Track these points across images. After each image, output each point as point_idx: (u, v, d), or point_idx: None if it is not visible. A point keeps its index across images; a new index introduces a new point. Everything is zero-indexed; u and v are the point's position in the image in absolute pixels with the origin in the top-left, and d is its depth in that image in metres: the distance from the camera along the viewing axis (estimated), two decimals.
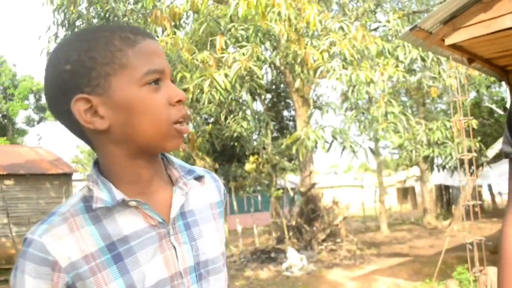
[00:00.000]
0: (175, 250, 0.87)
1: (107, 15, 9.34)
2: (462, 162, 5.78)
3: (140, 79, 0.81)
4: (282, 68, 11.34)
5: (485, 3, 4.46)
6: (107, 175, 0.86)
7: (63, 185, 13.43)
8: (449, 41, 4.73)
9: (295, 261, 9.81)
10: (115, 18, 9.30)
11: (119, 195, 0.83)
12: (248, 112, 11.11)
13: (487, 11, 4.45)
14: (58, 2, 9.02)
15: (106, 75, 0.81)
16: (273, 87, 14.98)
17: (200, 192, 0.98)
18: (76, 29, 9.17)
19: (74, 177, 15.37)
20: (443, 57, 6.48)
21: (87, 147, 33.95)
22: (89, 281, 0.80)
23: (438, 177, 23.24)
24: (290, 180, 22.85)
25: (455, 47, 4.98)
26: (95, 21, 9.46)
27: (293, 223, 11.89)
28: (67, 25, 9.25)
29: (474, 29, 4.59)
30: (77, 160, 31.92)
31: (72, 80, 0.81)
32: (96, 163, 0.89)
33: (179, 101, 0.84)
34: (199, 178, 0.97)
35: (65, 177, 13.99)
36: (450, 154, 9.62)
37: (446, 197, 29.60)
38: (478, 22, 4.53)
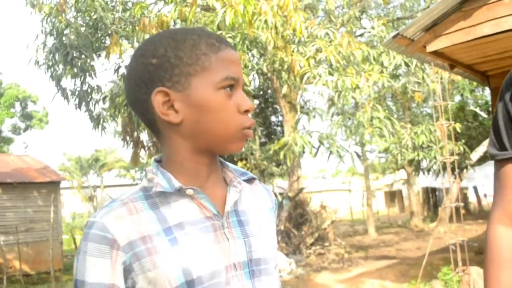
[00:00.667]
0: (229, 243, 0.91)
1: (95, 24, 9.38)
2: (445, 165, 5.93)
3: (217, 83, 0.88)
4: (269, 74, 11.46)
5: (465, 11, 4.62)
6: (167, 167, 0.92)
7: (51, 193, 13.35)
8: (430, 48, 4.88)
9: (283, 265, 9.90)
10: (103, 26, 9.33)
11: (177, 183, 0.88)
12: None
13: (467, 19, 4.60)
14: (46, 11, 9.04)
15: (188, 75, 0.88)
16: (261, 93, 15.09)
17: (253, 197, 1.02)
18: (64, 38, 9.19)
19: (62, 185, 15.30)
20: (426, 63, 6.63)
21: (74, 155, 33.73)
22: (146, 260, 0.84)
23: (425, 180, 23.49)
24: (279, 185, 22.96)
25: (436, 53, 5.13)
26: (83, 29, 9.49)
27: (282, 227, 11.98)
28: (55, 34, 9.25)
29: (454, 36, 4.74)
30: (65, 168, 31.69)
31: (156, 72, 0.88)
32: (156, 161, 0.95)
33: (246, 111, 0.91)
34: (251, 180, 1.02)
35: (53, 185, 13.92)
36: (435, 157, 9.80)
37: (432, 199, 29.89)
38: (458, 29, 4.68)
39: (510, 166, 1.18)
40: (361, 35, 12.31)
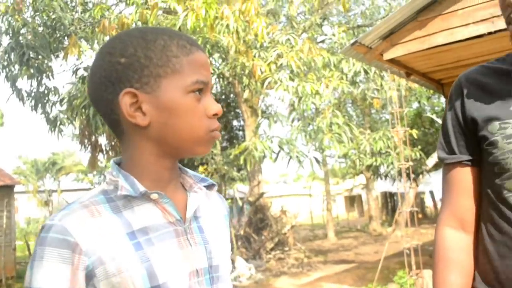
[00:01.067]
0: (192, 249, 0.90)
1: (53, 24, 9.17)
2: (402, 170, 6.07)
3: (188, 86, 0.86)
4: (230, 79, 11.47)
5: (420, 21, 4.74)
6: (129, 170, 0.89)
7: (4, 198, 12.92)
8: (387, 56, 4.98)
9: (243, 270, 9.89)
10: (62, 27, 9.13)
11: (141, 187, 0.85)
12: None
13: (422, 28, 4.73)
14: (2, 10, 8.78)
15: (157, 76, 0.85)
16: (223, 97, 15.07)
17: (209, 204, 1.01)
18: (20, 37, 8.94)
19: (16, 189, 14.84)
20: (383, 70, 6.77)
21: (30, 158, 32.79)
22: (110, 265, 0.80)
23: (383, 185, 23.95)
24: (240, 189, 22.95)
25: (393, 61, 5.24)
26: (40, 29, 9.25)
27: (242, 232, 11.98)
28: (11, 33, 8.99)
29: (410, 45, 4.86)
30: (20, 172, 30.75)
31: (124, 72, 0.85)
32: (116, 164, 0.91)
33: (215, 114, 0.90)
34: (211, 186, 1.00)
35: (7, 189, 13.46)
36: (392, 163, 10.01)
37: (391, 204, 30.49)
38: (414, 38, 4.79)
39: (459, 169, 1.22)
40: (322, 41, 12.49)
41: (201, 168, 13.38)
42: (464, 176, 1.21)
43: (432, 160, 14.71)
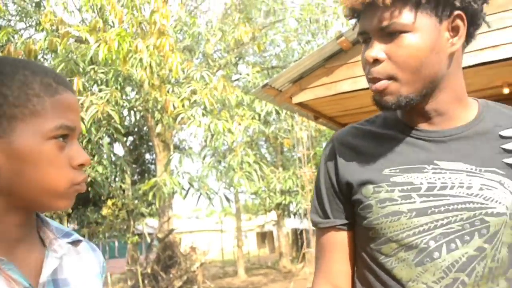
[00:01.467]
0: None
1: None
2: (309, 209, 6.22)
3: (49, 131, 0.75)
4: (143, 112, 11.29)
5: (328, 68, 4.97)
6: None
7: None
8: (296, 99, 5.16)
9: None
10: None
11: None
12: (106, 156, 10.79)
13: (329, 75, 4.96)
14: None
15: (12, 118, 0.73)
16: (136, 129, 14.77)
17: (77, 261, 0.87)
18: None
19: None
20: (293, 113, 6.98)
21: None
22: None
23: (294, 222, 24.38)
24: (150, 224, 22.35)
25: (302, 105, 5.42)
26: None
27: (149, 270, 11.59)
28: None
29: (318, 90, 5.07)
30: None
31: None
32: None
33: (81, 165, 0.78)
34: (76, 243, 0.88)
35: None
36: (300, 201, 10.23)
37: (301, 241, 30.98)
38: (321, 84, 5.01)
39: (333, 233, 1.18)
40: (237, 80, 12.69)
41: (109, 202, 12.89)
42: (339, 240, 1.18)
43: None
